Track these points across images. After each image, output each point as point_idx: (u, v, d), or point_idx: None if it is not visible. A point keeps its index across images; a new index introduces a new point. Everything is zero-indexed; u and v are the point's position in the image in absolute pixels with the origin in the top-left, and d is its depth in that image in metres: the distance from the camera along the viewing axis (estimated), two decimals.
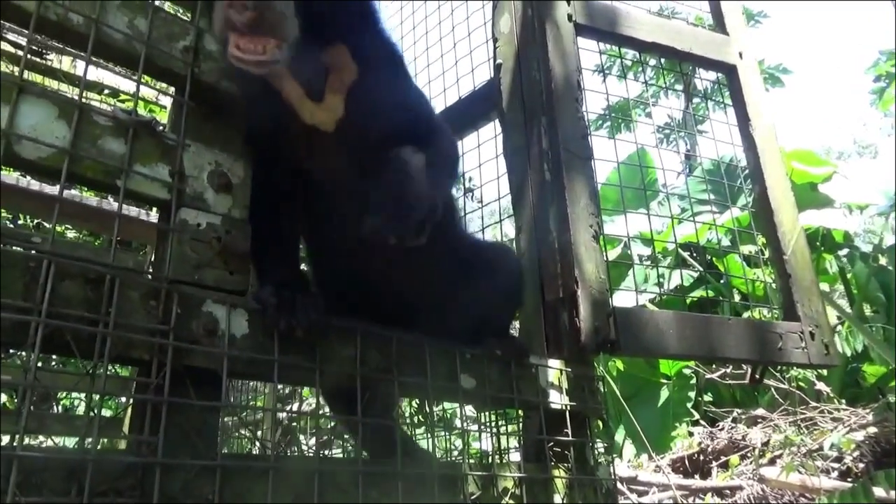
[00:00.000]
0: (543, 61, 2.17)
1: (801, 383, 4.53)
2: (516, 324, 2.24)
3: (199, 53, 1.37)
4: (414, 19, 3.23)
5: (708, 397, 5.37)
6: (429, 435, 2.21)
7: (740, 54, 2.67)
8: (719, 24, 2.77)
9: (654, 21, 2.60)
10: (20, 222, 5.68)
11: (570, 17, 2.27)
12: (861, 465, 3.36)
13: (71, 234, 6.10)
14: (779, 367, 4.05)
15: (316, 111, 1.50)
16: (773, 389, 4.38)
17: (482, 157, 2.65)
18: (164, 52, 1.32)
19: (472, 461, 1.87)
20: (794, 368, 4.27)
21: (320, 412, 1.84)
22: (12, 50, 3.79)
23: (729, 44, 2.69)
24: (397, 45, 1.72)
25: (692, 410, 5.14)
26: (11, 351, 1.01)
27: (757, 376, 2.48)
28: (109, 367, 1.06)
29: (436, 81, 2.97)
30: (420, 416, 3.66)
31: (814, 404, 4.03)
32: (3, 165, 1.03)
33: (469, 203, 3.27)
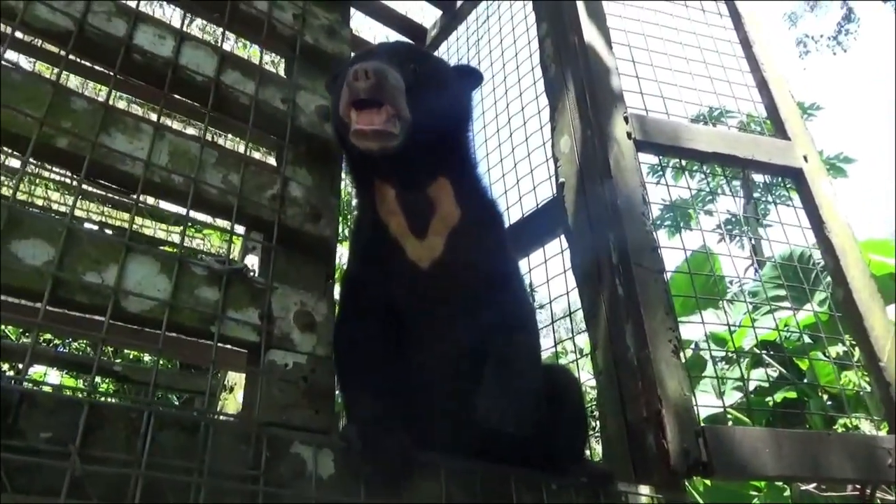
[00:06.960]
0: (607, 178, 2.21)
1: None
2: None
3: (284, 200, 1.46)
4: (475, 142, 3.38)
5: None
6: None
7: (805, 157, 2.65)
8: (779, 130, 2.77)
9: (712, 131, 2.63)
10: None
11: (629, 135, 2.32)
12: None
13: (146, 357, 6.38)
14: None
15: (418, 247, 1.57)
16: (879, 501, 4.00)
17: (550, 272, 2.67)
18: (253, 201, 1.41)
19: None
20: None
21: None
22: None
23: (792, 148, 2.68)
24: (493, 194, 1.80)
25: None
26: None
27: (868, 494, 2.28)
28: None
29: (499, 200, 3.06)
30: None
31: None
32: (110, 319, 1.10)
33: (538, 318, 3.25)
